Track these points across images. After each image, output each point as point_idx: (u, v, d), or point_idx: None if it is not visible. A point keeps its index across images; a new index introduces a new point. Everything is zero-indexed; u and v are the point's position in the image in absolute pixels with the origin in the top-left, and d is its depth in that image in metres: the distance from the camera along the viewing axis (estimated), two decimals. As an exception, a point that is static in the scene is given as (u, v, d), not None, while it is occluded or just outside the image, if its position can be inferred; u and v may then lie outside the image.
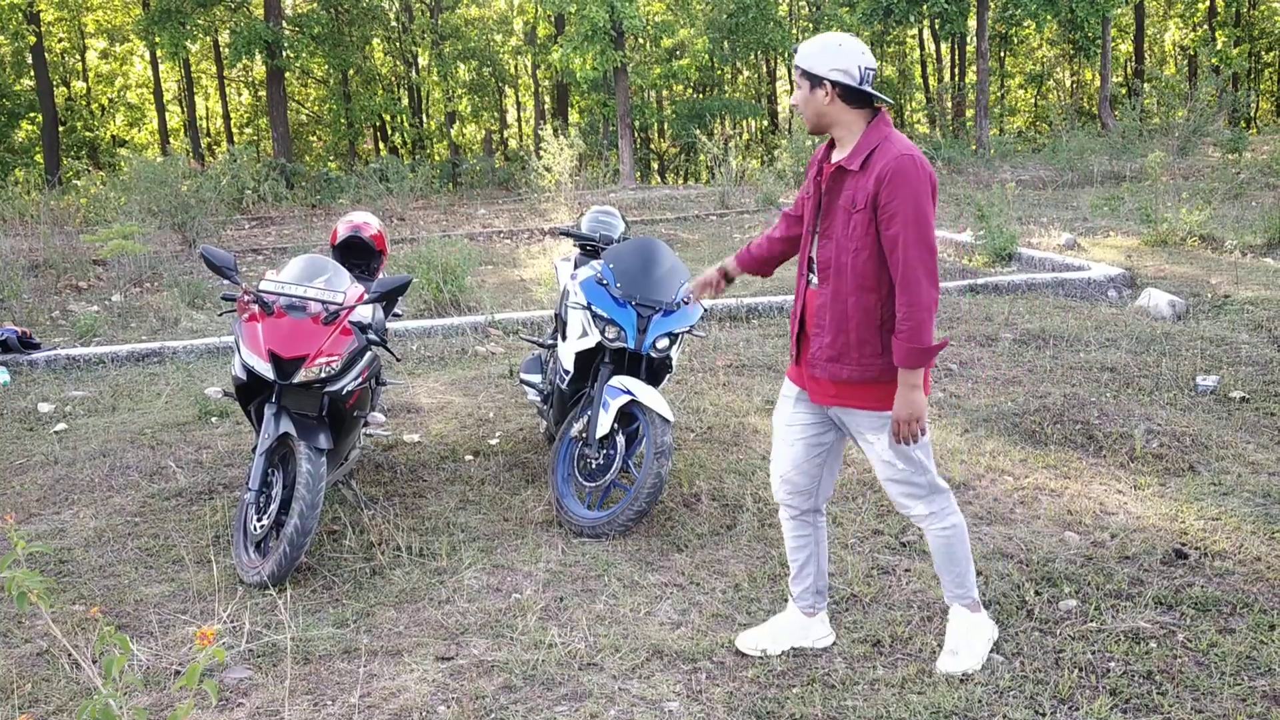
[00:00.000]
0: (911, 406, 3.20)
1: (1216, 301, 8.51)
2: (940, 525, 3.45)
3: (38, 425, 6.80)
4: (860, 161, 3.19)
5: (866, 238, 3.19)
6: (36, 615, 4.06)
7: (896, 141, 3.19)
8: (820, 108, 3.25)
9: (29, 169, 24.36)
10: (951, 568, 3.51)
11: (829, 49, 3.21)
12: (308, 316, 4.47)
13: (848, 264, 3.23)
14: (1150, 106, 21.47)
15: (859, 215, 3.19)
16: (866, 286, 3.22)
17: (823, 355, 3.33)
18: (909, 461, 3.36)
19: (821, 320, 3.33)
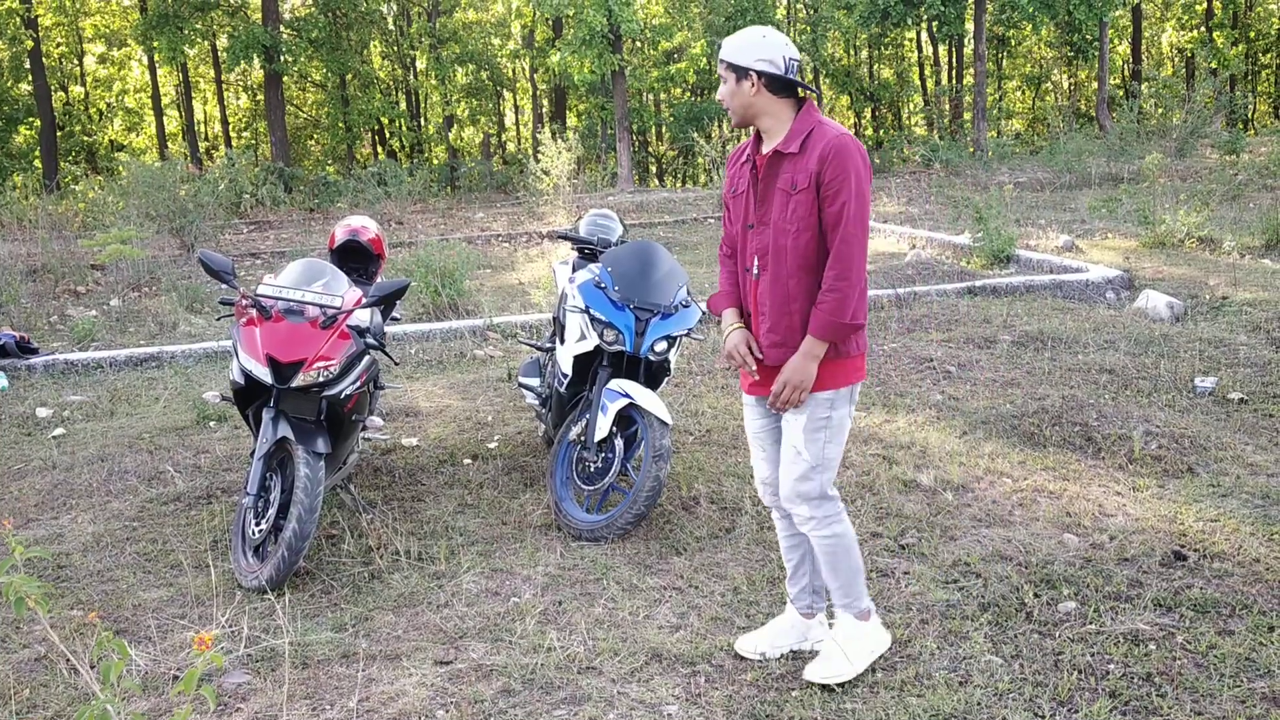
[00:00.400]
0: (803, 374, 3.22)
1: (1215, 303, 8.51)
2: (825, 532, 3.39)
3: (36, 430, 6.79)
4: (799, 144, 3.22)
5: (809, 218, 3.21)
6: (34, 621, 4.06)
7: (831, 125, 3.25)
8: (747, 99, 3.27)
9: (27, 174, 24.37)
10: (835, 577, 3.45)
11: (754, 41, 3.26)
12: (306, 321, 4.47)
13: (787, 246, 3.24)
14: (1148, 108, 21.48)
15: (800, 196, 3.21)
16: (808, 267, 3.24)
17: (766, 341, 3.35)
18: (816, 455, 3.33)
19: (763, 306, 3.33)
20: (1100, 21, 25.51)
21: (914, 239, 12.84)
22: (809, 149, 3.21)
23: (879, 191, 19.28)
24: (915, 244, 12.56)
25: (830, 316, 3.17)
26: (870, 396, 6.55)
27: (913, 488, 5.06)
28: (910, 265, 11.07)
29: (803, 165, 3.20)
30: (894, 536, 4.53)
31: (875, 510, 4.81)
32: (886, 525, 4.64)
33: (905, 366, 7.18)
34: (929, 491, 4.99)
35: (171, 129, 36.52)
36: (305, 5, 31.85)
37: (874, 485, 5.07)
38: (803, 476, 3.35)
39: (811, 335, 3.21)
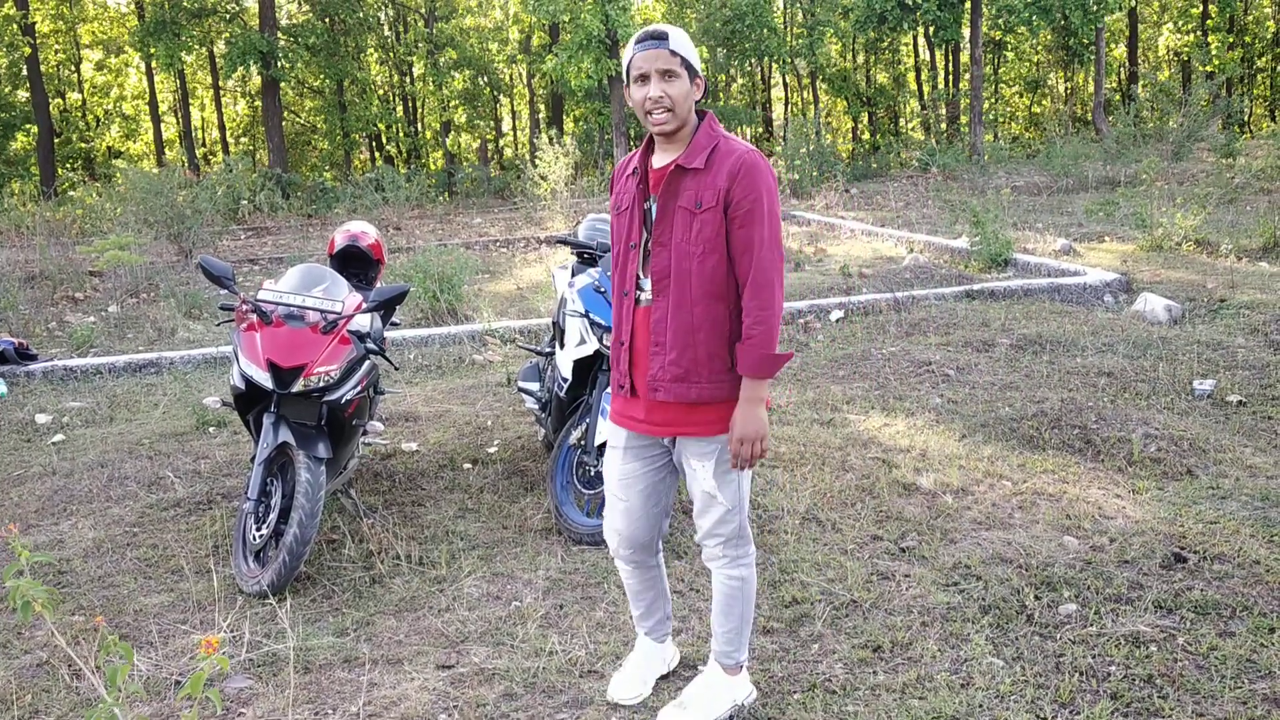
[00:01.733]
0: (757, 423, 2.94)
1: (1213, 306, 8.53)
2: (733, 572, 3.18)
3: (35, 436, 6.79)
4: (704, 159, 2.94)
5: (716, 239, 2.93)
6: (36, 626, 4.06)
7: (737, 141, 2.99)
8: (692, 104, 2.96)
9: (25, 181, 24.40)
10: (727, 622, 3.24)
11: (691, 42, 2.97)
12: (306, 326, 4.47)
13: (692, 270, 2.94)
14: (1144, 112, 21.52)
15: (706, 215, 2.92)
16: (715, 294, 2.95)
17: (666, 375, 3.00)
18: (732, 497, 3.09)
19: (661, 337, 2.99)
20: (1096, 26, 25.58)
21: (911, 243, 12.86)
22: (716, 164, 2.93)
23: (877, 195, 19.31)
24: (913, 248, 12.58)
25: (763, 350, 2.90)
26: (869, 400, 6.56)
27: (912, 491, 5.07)
28: (908, 269, 11.09)
29: (709, 182, 2.92)
30: (894, 539, 4.54)
31: (875, 513, 4.82)
32: (886, 528, 4.65)
33: (904, 370, 7.19)
34: (929, 495, 5.00)
35: (169, 135, 36.53)
36: (302, 12, 31.90)
37: (874, 488, 5.08)
38: (721, 520, 3.11)
39: (749, 376, 2.93)
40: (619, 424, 3.18)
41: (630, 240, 3.08)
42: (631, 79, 2.96)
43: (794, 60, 32.70)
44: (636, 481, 3.19)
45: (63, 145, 32.35)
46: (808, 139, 21.45)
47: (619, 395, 3.17)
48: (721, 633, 3.26)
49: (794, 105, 38.37)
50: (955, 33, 25.52)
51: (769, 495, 5.05)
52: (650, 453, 3.17)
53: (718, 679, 3.29)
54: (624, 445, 3.18)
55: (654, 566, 3.37)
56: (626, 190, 3.12)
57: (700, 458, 3.06)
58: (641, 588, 3.38)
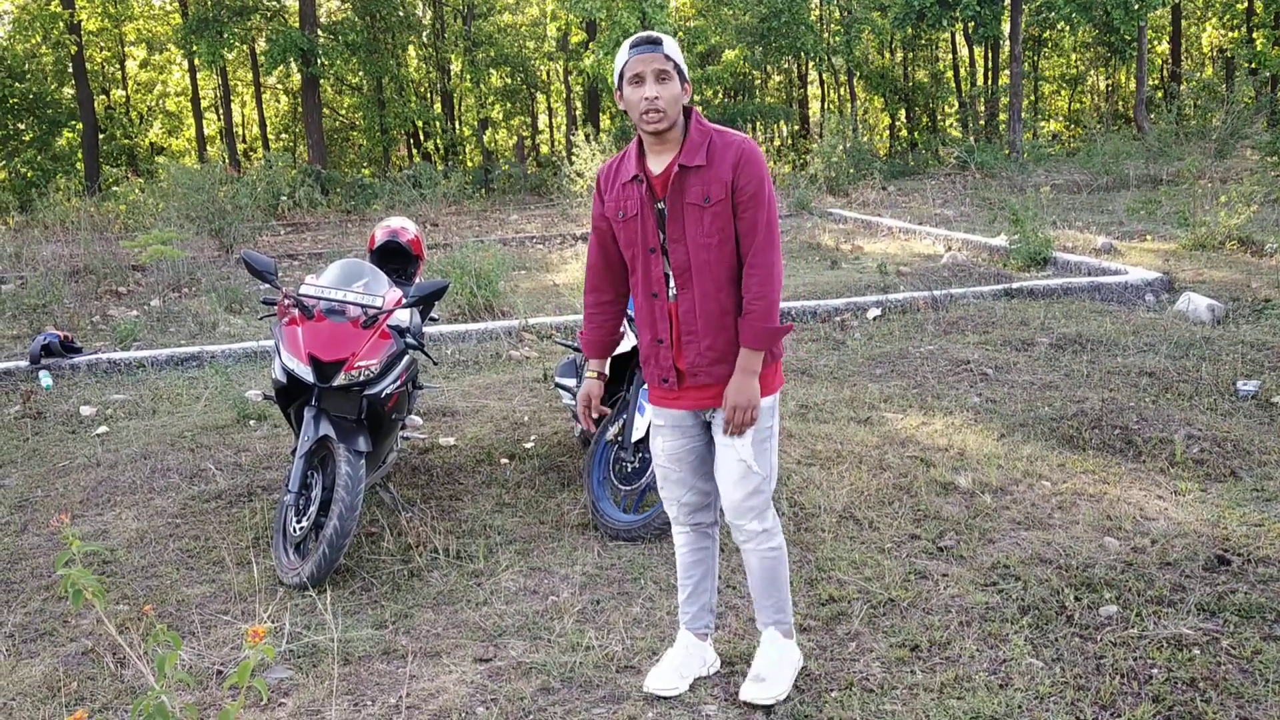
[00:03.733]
0: (750, 392, 3.12)
1: (1257, 305, 8.41)
2: (769, 545, 3.34)
3: (80, 428, 6.90)
4: (704, 155, 3.09)
5: (728, 229, 3.11)
6: (81, 615, 4.13)
7: (729, 131, 3.14)
8: (680, 105, 3.10)
9: (70, 176, 24.74)
10: (774, 591, 3.40)
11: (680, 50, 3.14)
12: (347, 320, 4.52)
13: (710, 261, 3.12)
14: (1187, 109, 21.25)
15: (716, 208, 3.09)
16: (733, 279, 3.15)
17: (704, 360, 3.19)
18: (766, 466, 3.25)
19: (693, 326, 3.18)
20: (1138, 22, 25.26)
21: (950, 241, 12.77)
22: (715, 159, 3.08)
23: (914, 193, 19.19)
24: (951, 246, 12.49)
25: (762, 324, 3.08)
26: (907, 399, 6.53)
27: (951, 490, 5.04)
28: (946, 267, 11.02)
29: (714, 176, 3.08)
30: (932, 539, 4.52)
31: (913, 512, 4.79)
32: (925, 528, 4.63)
33: (942, 369, 7.15)
34: (967, 494, 4.97)
35: (210, 132, 36.92)
36: (342, 9, 32.13)
37: (911, 487, 5.05)
38: (756, 490, 3.25)
39: (748, 348, 3.11)
40: (660, 405, 3.35)
41: (648, 245, 3.20)
42: (626, 80, 3.09)
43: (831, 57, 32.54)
44: (685, 455, 3.37)
45: (107, 141, 32.78)
46: (844, 136, 21.35)
47: (660, 388, 3.31)
48: (771, 603, 3.42)
49: (830, 102, 38.19)
50: (995, 29, 25.28)
51: (806, 493, 5.04)
52: (696, 429, 3.35)
53: (781, 645, 3.44)
54: (670, 424, 3.35)
55: (710, 539, 3.50)
56: (629, 197, 3.21)
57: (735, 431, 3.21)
58: (694, 559, 3.49)
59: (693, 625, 3.52)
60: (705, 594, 3.52)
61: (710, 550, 3.51)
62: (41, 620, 4.12)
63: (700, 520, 3.46)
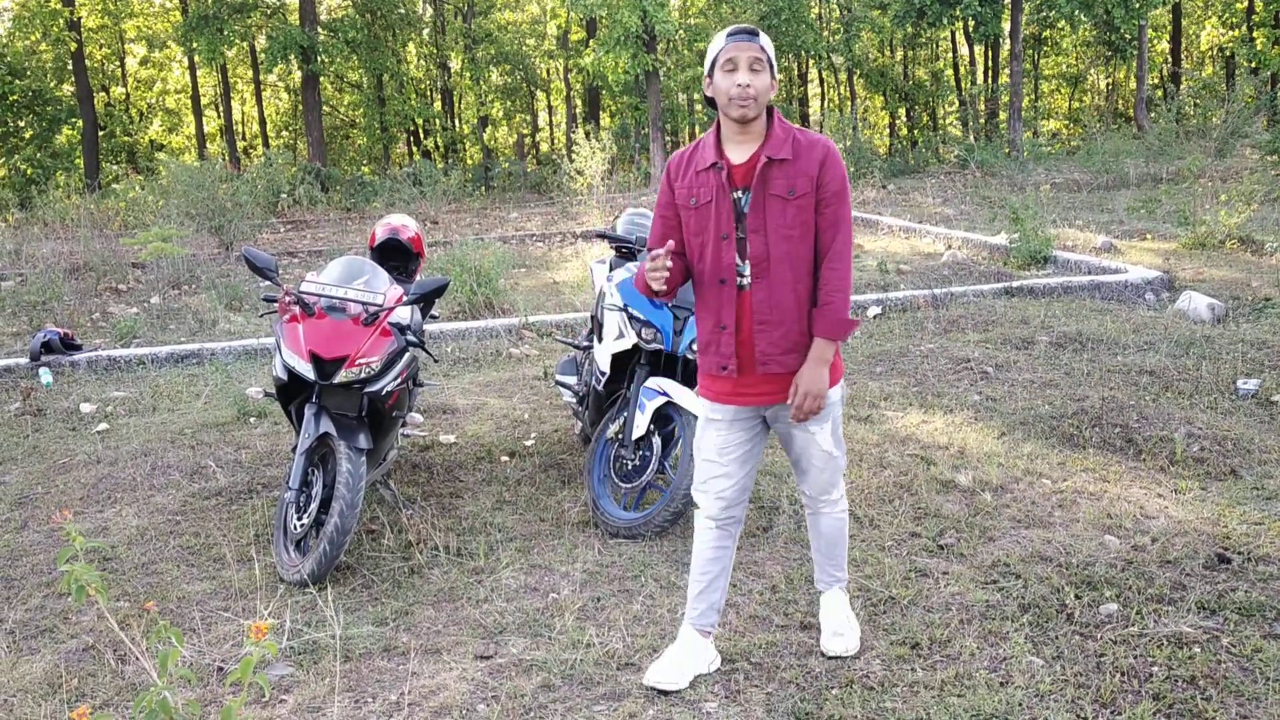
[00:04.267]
0: (821, 382, 3.25)
1: (1257, 304, 8.41)
2: (840, 509, 3.59)
3: (80, 425, 6.90)
4: (789, 149, 3.20)
5: (810, 223, 3.22)
6: (82, 612, 4.13)
7: (807, 130, 3.28)
8: (769, 97, 3.20)
9: (69, 173, 24.73)
10: (838, 552, 3.65)
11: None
12: (348, 318, 4.52)
13: (790, 252, 3.23)
14: (1187, 108, 21.24)
15: (801, 201, 3.20)
16: (809, 272, 3.27)
17: (777, 350, 3.28)
18: (839, 446, 3.46)
19: (766, 315, 3.26)
20: (1139, 21, 25.25)
21: (950, 239, 12.77)
22: (801, 154, 3.20)
23: (914, 192, 19.18)
24: (951, 244, 12.49)
25: (839, 315, 3.23)
26: (908, 397, 6.53)
27: (951, 488, 5.04)
28: (946, 266, 11.02)
29: (800, 170, 3.19)
30: (932, 537, 4.52)
31: (913, 510, 4.80)
32: (925, 525, 4.63)
33: (942, 367, 7.15)
34: (967, 492, 4.97)
35: (210, 129, 36.90)
36: (342, 6, 32.12)
37: (912, 485, 5.06)
38: (836, 469, 3.49)
39: (824, 338, 3.23)
40: (719, 401, 3.40)
41: (721, 231, 3.27)
42: (719, 67, 3.18)
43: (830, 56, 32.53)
44: (736, 449, 3.43)
45: (106, 139, 32.76)
46: (844, 135, 21.34)
47: (719, 377, 3.37)
48: (833, 564, 3.68)
49: (830, 101, 38.19)
50: (995, 27, 25.26)
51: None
52: (750, 423, 3.42)
53: (844, 601, 3.70)
54: (728, 419, 3.41)
55: (732, 537, 3.55)
56: (705, 184, 3.28)
57: (816, 421, 3.36)
58: (714, 556, 3.53)
59: (699, 622, 3.53)
60: (716, 592, 3.54)
61: (730, 549, 3.55)
62: (42, 617, 4.12)
63: (732, 515, 3.50)
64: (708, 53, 3.23)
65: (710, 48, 3.22)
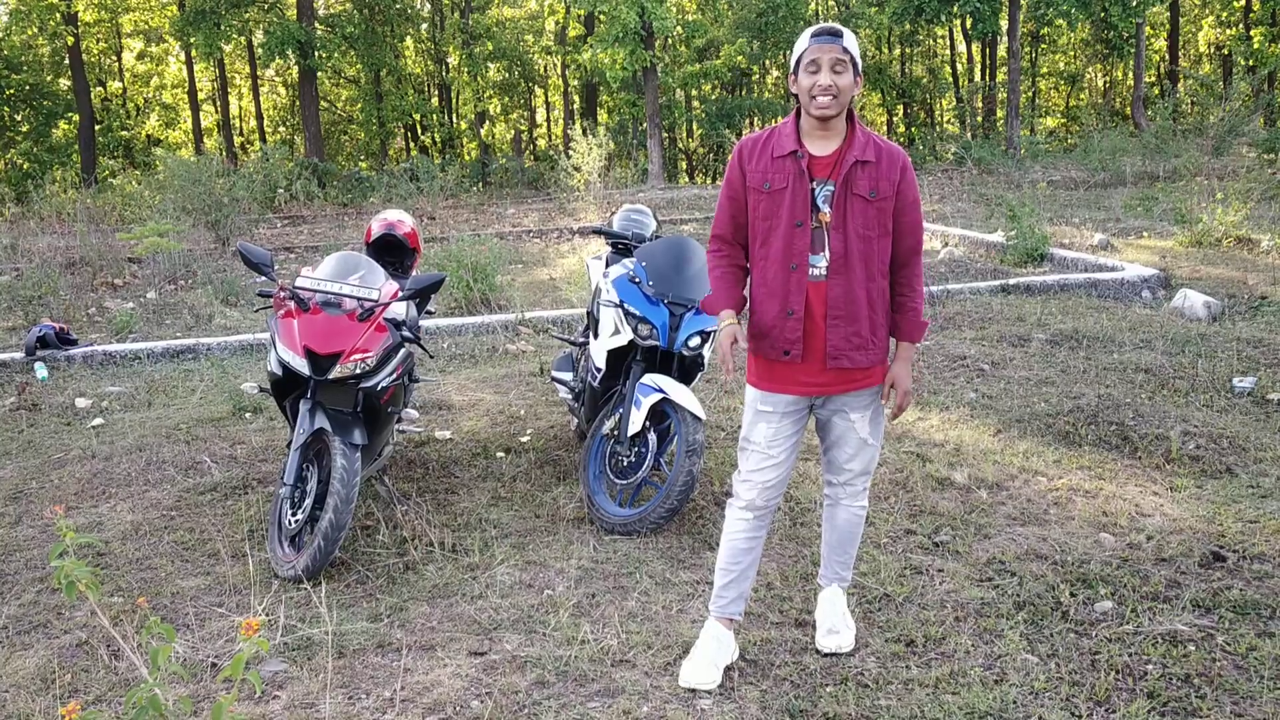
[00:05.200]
0: (904, 377, 3.45)
1: (1253, 302, 8.42)
2: (860, 505, 3.63)
3: (75, 420, 6.88)
4: (873, 153, 3.29)
5: (888, 224, 3.32)
6: (75, 607, 4.12)
7: (879, 135, 3.37)
8: (850, 96, 3.26)
9: (66, 168, 24.67)
10: (849, 547, 3.68)
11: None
12: (343, 313, 4.50)
13: (867, 251, 3.31)
14: (1184, 106, 21.24)
15: (880, 203, 3.29)
16: (883, 272, 3.36)
17: (849, 345, 3.34)
18: (879, 436, 3.55)
19: (840, 310, 3.31)
20: (1136, 19, 25.25)
21: (946, 237, 12.77)
22: (883, 159, 3.30)
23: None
24: (948, 242, 12.49)
25: (919, 319, 3.41)
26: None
27: (946, 485, 5.04)
28: (943, 263, 11.01)
29: (882, 174, 3.29)
30: (928, 534, 4.52)
31: (909, 508, 4.79)
32: (920, 523, 4.63)
33: (938, 364, 7.15)
34: (963, 489, 4.97)
35: (207, 124, 36.85)
36: (340, 1, 32.07)
37: (907, 483, 5.05)
38: (871, 459, 3.57)
39: (909, 342, 3.43)
40: (775, 390, 3.43)
41: (795, 218, 3.32)
42: (803, 66, 3.25)
43: (829, 52, 32.45)
44: (788, 439, 3.49)
45: (103, 133, 32.71)
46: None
47: (780, 362, 3.39)
48: (841, 560, 3.70)
49: (829, 98, 38.11)
50: (993, 25, 25.25)
51: (802, 488, 5.04)
52: (801, 413, 3.50)
53: (842, 599, 3.71)
54: (780, 411, 3.45)
55: (764, 526, 3.59)
56: (781, 170, 3.33)
57: (860, 410, 3.46)
58: (747, 546, 3.56)
59: (726, 611, 3.56)
60: (746, 581, 3.59)
61: (762, 538, 3.59)
62: (35, 612, 4.11)
63: (771, 502, 3.55)
64: (794, 50, 3.31)
65: (796, 45, 3.31)
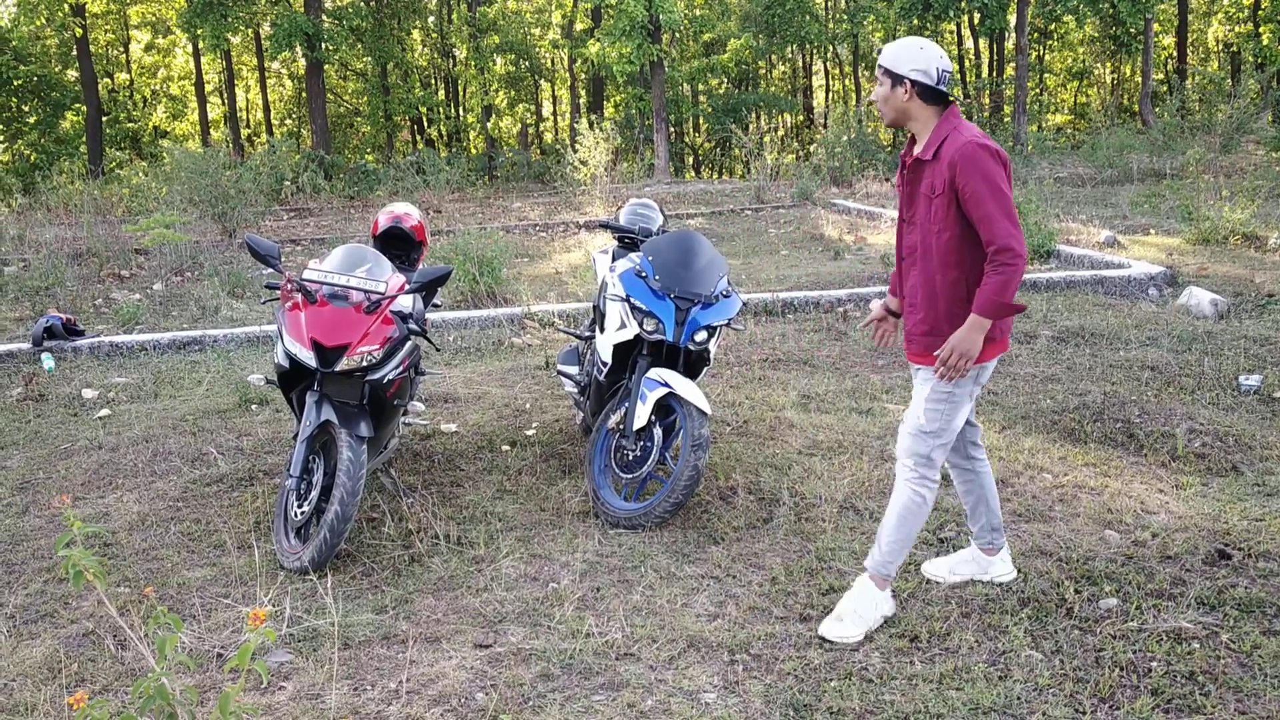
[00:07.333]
0: (970, 344, 3.45)
1: (1260, 300, 8.40)
2: (917, 488, 3.65)
3: (82, 411, 6.90)
4: (933, 152, 3.49)
5: (948, 219, 3.47)
6: (81, 597, 4.13)
7: (965, 130, 3.48)
8: (899, 104, 3.55)
9: (73, 159, 24.71)
10: (896, 532, 3.68)
11: (911, 51, 3.52)
12: (350, 305, 4.51)
13: (932, 245, 3.52)
14: (1192, 103, 21.18)
15: (939, 200, 3.47)
16: (951, 263, 3.51)
17: (918, 330, 3.63)
18: (931, 423, 3.59)
19: (914, 299, 3.63)
20: (1145, 16, 25.17)
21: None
22: (942, 156, 3.46)
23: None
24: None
25: (993, 295, 3.40)
26: (909, 390, 6.53)
27: (952, 482, 5.03)
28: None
29: (938, 171, 3.46)
30: (932, 530, 4.52)
31: (914, 503, 4.79)
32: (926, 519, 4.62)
33: (944, 360, 7.13)
34: (968, 486, 4.96)
35: (214, 116, 36.90)
36: (347, -6, 32.06)
37: (913, 478, 5.05)
38: (916, 436, 3.63)
39: (975, 313, 3.44)
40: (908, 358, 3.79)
41: (901, 215, 3.72)
42: None
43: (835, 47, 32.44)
44: None
45: (111, 125, 32.76)
46: (849, 127, 21.30)
47: None
48: (887, 542, 3.69)
49: (835, 92, 38.11)
50: (1001, 21, 25.21)
51: (807, 483, 5.04)
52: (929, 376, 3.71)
53: (869, 591, 3.69)
54: (913, 372, 3.76)
55: (969, 471, 3.90)
56: (900, 173, 3.71)
57: (922, 383, 3.66)
58: (964, 488, 3.96)
59: (978, 540, 3.97)
60: (982, 516, 3.92)
61: (976, 481, 3.90)
62: (42, 602, 4.13)
63: (950, 460, 3.88)
64: None
65: None
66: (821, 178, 19.49)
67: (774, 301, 9.03)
